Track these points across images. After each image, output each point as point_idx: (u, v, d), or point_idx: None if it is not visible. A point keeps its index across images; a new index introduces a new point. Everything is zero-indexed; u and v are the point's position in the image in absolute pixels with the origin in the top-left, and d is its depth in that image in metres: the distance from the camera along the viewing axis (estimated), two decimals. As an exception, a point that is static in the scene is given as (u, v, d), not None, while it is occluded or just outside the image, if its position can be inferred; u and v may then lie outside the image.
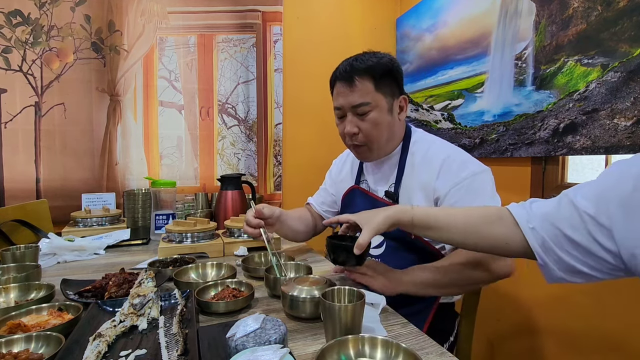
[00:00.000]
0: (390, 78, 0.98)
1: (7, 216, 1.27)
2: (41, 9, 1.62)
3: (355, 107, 0.97)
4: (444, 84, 1.85)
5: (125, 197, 1.66)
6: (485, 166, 0.97)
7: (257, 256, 1.07)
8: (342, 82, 0.98)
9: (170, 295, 0.76)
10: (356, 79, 0.96)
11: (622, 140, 1.11)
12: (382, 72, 0.96)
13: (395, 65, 1.00)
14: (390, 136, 1.02)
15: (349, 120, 0.99)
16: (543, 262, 0.64)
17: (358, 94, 0.96)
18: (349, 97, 0.97)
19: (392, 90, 0.99)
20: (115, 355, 0.56)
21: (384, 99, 0.97)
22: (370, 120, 0.97)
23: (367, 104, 0.96)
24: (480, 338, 1.68)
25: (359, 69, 0.95)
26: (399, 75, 1.01)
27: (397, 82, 1.00)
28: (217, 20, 1.90)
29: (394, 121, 1.01)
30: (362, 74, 0.95)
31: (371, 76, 0.95)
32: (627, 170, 0.54)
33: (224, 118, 1.95)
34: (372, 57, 0.98)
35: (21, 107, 1.62)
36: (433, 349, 0.62)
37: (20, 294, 0.79)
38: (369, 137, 0.99)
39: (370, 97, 0.96)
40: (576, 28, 1.23)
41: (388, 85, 0.98)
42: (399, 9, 2.25)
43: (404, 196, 1.01)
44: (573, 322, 1.32)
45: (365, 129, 0.98)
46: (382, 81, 0.96)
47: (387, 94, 0.98)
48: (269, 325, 0.57)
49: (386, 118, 0.98)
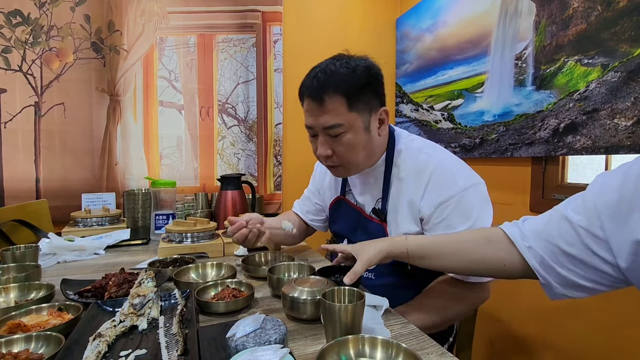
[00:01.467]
0: (367, 92, 0.86)
1: (7, 216, 1.27)
2: (41, 9, 1.62)
3: (327, 128, 0.85)
4: (444, 84, 1.85)
5: (125, 197, 1.66)
6: (476, 178, 0.90)
7: (257, 256, 1.07)
8: (311, 99, 0.86)
9: (170, 295, 0.76)
10: (326, 98, 0.83)
11: (622, 140, 1.11)
12: (356, 87, 0.83)
13: (373, 74, 0.87)
14: (369, 154, 0.92)
15: (321, 141, 0.88)
16: (545, 280, 0.64)
17: (329, 115, 0.84)
18: (319, 118, 0.85)
19: (370, 106, 0.87)
20: (115, 355, 0.56)
21: (360, 118, 0.85)
22: (345, 143, 0.86)
23: (340, 125, 0.84)
24: (480, 338, 1.68)
25: (329, 86, 0.82)
26: (378, 86, 0.89)
27: (375, 94, 0.88)
28: (217, 20, 1.90)
29: (372, 139, 0.89)
30: (332, 92, 0.82)
31: (343, 94, 0.83)
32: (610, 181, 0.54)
33: (224, 118, 1.95)
34: (344, 67, 0.84)
35: (21, 107, 1.62)
36: (433, 349, 0.62)
37: (20, 294, 0.78)
38: (344, 159, 0.89)
39: (343, 118, 0.84)
40: (576, 28, 1.23)
41: (364, 101, 0.85)
42: (399, 9, 2.25)
43: (392, 214, 0.94)
44: (573, 322, 1.32)
45: (339, 152, 0.88)
46: (357, 98, 0.84)
47: (363, 112, 0.86)
48: (269, 325, 0.57)
49: (362, 138, 0.87)
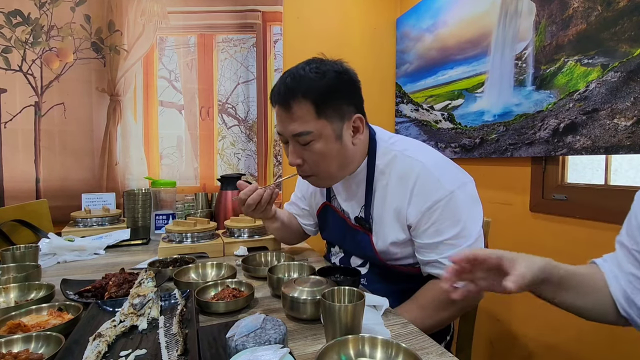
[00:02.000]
0: (337, 99, 0.81)
1: (7, 216, 1.27)
2: (41, 9, 1.62)
3: (296, 136, 0.83)
4: (444, 84, 1.85)
5: (125, 197, 1.66)
6: (463, 177, 0.87)
7: (257, 256, 1.07)
8: (279, 105, 0.83)
9: (170, 295, 0.76)
10: (293, 104, 0.80)
11: (622, 140, 1.11)
12: (325, 93, 0.79)
13: (345, 80, 0.83)
14: (343, 164, 0.88)
15: (291, 150, 0.87)
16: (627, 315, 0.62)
17: (297, 123, 0.81)
18: (287, 125, 0.83)
19: (341, 113, 0.83)
20: (115, 355, 0.56)
21: (330, 126, 0.82)
22: (315, 151, 0.83)
23: (308, 133, 0.81)
24: (480, 338, 1.68)
25: (297, 92, 0.79)
26: (350, 91, 0.84)
27: (347, 100, 0.84)
28: (217, 20, 1.90)
29: (345, 148, 0.85)
30: (299, 98, 0.79)
31: (311, 100, 0.79)
32: None
33: (224, 118, 1.95)
34: (314, 71, 0.80)
35: (21, 107, 1.62)
36: (433, 348, 0.62)
37: (20, 294, 0.79)
38: (315, 168, 0.87)
39: (312, 125, 0.80)
40: (576, 28, 1.23)
41: (334, 107, 0.81)
42: (399, 9, 2.25)
43: (378, 223, 0.92)
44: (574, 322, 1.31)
45: (309, 160, 0.85)
46: (325, 104, 0.80)
47: (333, 119, 0.82)
48: (269, 325, 0.57)
49: (334, 147, 0.83)
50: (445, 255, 0.83)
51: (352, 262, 1.03)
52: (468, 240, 0.83)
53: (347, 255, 1.04)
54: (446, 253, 0.83)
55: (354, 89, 0.86)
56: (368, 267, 1.00)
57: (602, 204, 1.23)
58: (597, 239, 1.23)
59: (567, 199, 1.35)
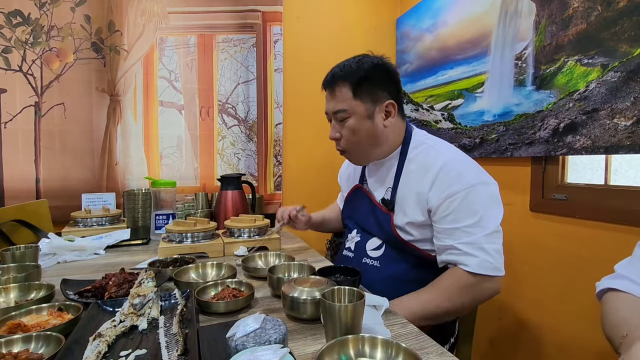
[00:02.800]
0: (371, 84, 0.97)
1: (7, 216, 1.27)
2: (41, 9, 1.62)
3: (335, 113, 1.00)
4: (444, 84, 1.85)
5: (125, 197, 1.66)
6: (487, 177, 0.94)
7: (257, 256, 1.07)
8: (327, 89, 1.03)
9: (170, 295, 0.76)
10: (336, 87, 0.99)
11: (622, 140, 1.11)
12: (361, 78, 0.96)
13: (381, 69, 0.98)
14: (373, 142, 1.01)
15: (332, 125, 1.03)
16: None
17: (336, 101, 0.99)
18: (330, 103, 1.01)
19: (374, 96, 0.98)
20: (115, 355, 0.56)
21: (363, 106, 0.97)
22: (348, 127, 0.99)
23: (344, 110, 0.98)
24: (480, 338, 1.68)
25: (339, 76, 0.98)
26: (385, 80, 0.99)
27: (381, 86, 0.98)
28: (217, 20, 1.90)
29: (376, 127, 0.99)
30: (341, 81, 0.98)
31: (349, 83, 0.97)
32: None
33: (224, 118, 1.95)
34: (354, 62, 0.98)
35: (21, 107, 1.62)
36: (433, 348, 0.62)
37: (20, 294, 0.78)
38: (349, 143, 1.01)
39: (347, 104, 0.97)
40: (576, 28, 1.23)
41: (368, 91, 0.97)
42: (399, 9, 2.25)
43: (399, 205, 1.00)
44: (574, 322, 1.32)
45: (344, 135, 1.01)
46: (360, 87, 0.96)
47: (366, 100, 0.97)
48: (269, 325, 0.57)
49: (365, 124, 0.98)
50: (461, 241, 0.88)
51: (368, 245, 1.06)
52: (485, 230, 0.89)
53: (365, 239, 1.08)
54: (462, 239, 0.88)
55: (388, 79, 1.00)
56: (384, 249, 1.03)
57: (602, 204, 1.23)
58: (597, 239, 1.23)
59: (567, 198, 1.35)
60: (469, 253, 0.88)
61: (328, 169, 2.12)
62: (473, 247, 0.88)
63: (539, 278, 1.43)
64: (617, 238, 1.17)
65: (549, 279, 1.39)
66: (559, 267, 1.36)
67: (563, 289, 1.34)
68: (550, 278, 1.39)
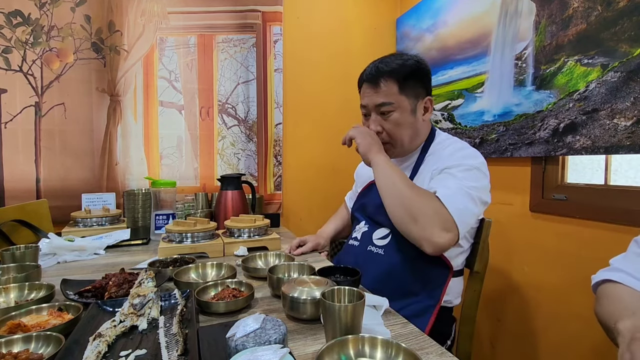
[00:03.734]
0: (415, 80, 1.02)
1: (7, 216, 1.27)
2: (41, 9, 1.62)
3: (379, 106, 1.02)
4: (444, 84, 1.85)
5: (125, 197, 1.66)
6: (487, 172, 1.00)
7: (257, 256, 1.07)
8: (368, 83, 1.04)
9: (170, 295, 0.76)
10: (381, 81, 1.01)
11: (622, 140, 1.11)
12: (406, 74, 1.00)
13: (422, 67, 1.03)
14: (413, 136, 1.06)
15: (372, 119, 1.05)
16: None
17: (382, 95, 1.01)
18: (373, 97, 1.03)
19: (417, 92, 1.03)
20: (115, 355, 0.56)
21: (407, 100, 1.02)
22: (393, 121, 1.03)
23: (390, 104, 1.01)
24: (480, 338, 1.68)
25: (384, 71, 1.00)
26: (424, 77, 1.04)
27: (422, 83, 1.04)
28: (217, 21, 1.90)
29: (417, 122, 1.05)
30: (386, 76, 1.00)
31: (395, 78, 1.00)
32: None
33: (224, 118, 1.95)
34: (397, 59, 1.02)
35: (21, 107, 1.62)
36: (433, 349, 0.62)
37: (20, 294, 0.79)
38: (392, 136, 1.05)
39: (394, 98, 1.01)
40: (576, 28, 1.23)
41: (412, 87, 1.02)
42: (399, 9, 2.25)
43: None
44: (574, 322, 1.32)
45: (388, 129, 1.04)
46: (406, 83, 1.01)
47: (410, 96, 1.02)
48: (269, 325, 0.57)
49: (409, 118, 1.03)
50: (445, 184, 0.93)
51: (375, 234, 1.08)
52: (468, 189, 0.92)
53: (372, 229, 1.10)
54: (447, 183, 0.93)
55: (427, 77, 1.06)
56: (390, 238, 1.04)
57: (602, 204, 1.23)
58: (597, 239, 1.23)
59: (567, 199, 1.35)
60: (447, 186, 0.93)
61: (328, 169, 2.12)
62: (452, 187, 0.92)
63: (539, 278, 1.43)
64: (617, 238, 1.17)
65: (548, 279, 1.39)
66: (559, 267, 1.36)
67: (563, 289, 1.34)
68: (550, 278, 1.39)
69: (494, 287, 1.59)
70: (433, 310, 0.97)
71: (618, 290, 0.68)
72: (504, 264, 1.56)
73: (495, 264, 1.55)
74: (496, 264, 1.55)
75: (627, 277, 0.68)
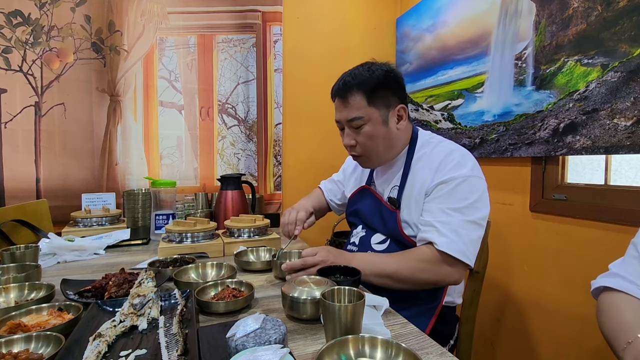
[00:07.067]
0: (384, 90, 0.99)
1: (7, 216, 1.27)
2: (41, 9, 1.62)
3: (350, 121, 1.00)
4: (444, 84, 1.85)
5: (125, 197, 1.66)
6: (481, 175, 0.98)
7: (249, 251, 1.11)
8: (338, 97, 1.02)
9: (170, 295, 0.76)
10: (349, 95, 0.99)
11: (622, 140, 1.11)
12: (374, 85, 0.97)
13: (391, 76, 1.00)
14: (388, 146, 1.04)
15: (346, 133, 1.03)
16: None
17: (351, 109, 0.99)
18: (343, 112, 1.01)
19: (387, 102, 1.00)
20: (115, 355, 0.56)
21: (377, 112, 0.99)
22: (365, 134, 1.00)
23: (360, 118, 0.98)
24: (480, 338, 1.68)
25: (352, 85, 0.98)
26: (395, 86, 1.01)
27: (393, 92, 1.01)
28: (217, 21, 1.90)
29: (391, 132, 1.02)
30: (354, 90, 0.98)
31: (363, 91, 0.98)
32: None
33: (224, 118, 1.95)
34: (365, 70, 0.99)
35: (21, 107, 1.62)
36: (433, 349, 0.62)
37: (20, 294, 0.79)
38: (365, 149, 1.03)
39: (363, 111, 0.98)
40: (576, 28, 1.23)
41: (382, 97, 0.99)
42: (399, 9, 2.25)
43: (405, 202, 1.03)
44: (574, 322, 1.32)
45: (361, 142, 1.02)
46: (374, 95, 0.98)
47: (380, 107, 0.99)
48: (269, 325, 0.57)
49: (381, 130, 1.00)
50: (439, 219, 0.92)
51: (372, 239, 1.08)
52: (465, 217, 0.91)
53: (369, 234, 1.10)
54: (440, 218, 0.92)
55: (398, 85, 1.03)
56: (388, 243, 1.05)
57: (602, 204, 1.23)
58: (597, 239, 1.23)
59: (567, 199, 1.35)
60: (442, 232, 0.90)
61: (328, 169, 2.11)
62: (448, 227, 0.91)
63: (539, 278, 1.43)
64: (617, 238, 1.17)
65: (548, 279, 1.39)
66: (559, 267, 1.35)
67: (563, 289, 1.34)
68: (549, 278, 1.39)
69: (494, 287, 1.59)
70: (434, 312, 0.97)
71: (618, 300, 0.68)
72: (503, 264, 1.56)
73: (495, 264, 1.55)
74: (496, 264, 1.55)
75: (626, 283, 0.68)
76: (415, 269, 0.91)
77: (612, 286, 0.69)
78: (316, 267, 0.87)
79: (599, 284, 0.73)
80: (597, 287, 0.73)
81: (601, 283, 0.72)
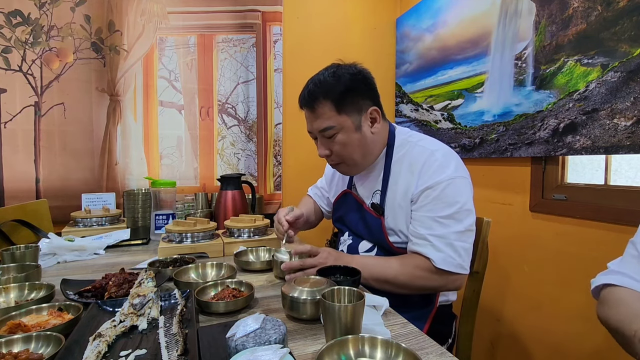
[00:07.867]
0: (353, 95, 0.94)
1: (7, 216, 1.27)
2: (41, 9, 1.62)
3: (322, 131, 0.96)
4: (444, 84, 1.85)
5: (125, 197, 1.66)
6: (466, 174, 0.95)
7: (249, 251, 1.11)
8: (306, 108, 0.98)
9: (170, 295, 0.76)
10: (317, 105, 0.94)
11: (622, 140, 1.11)
12: (342, 93, 0.93)
13: (359, 79, 0.95)
14: (365, 152, 1.00)
15: (320, 143, 1.00)
16: None
17: (321, 120, 0.95)
18: (314, 123, 0.97)
19: (358, 107, 0.96)
20: (115, 355, 0.56)
21: (349, 119, 0.95)
22: (339, 142, 0.96)
23: (331, 127, 0.94)
24: (480, 338, 1.68)
25: (318, 94, 0.94)
26: (364, 89, 0.97)
27: (362, 96, 0.96)
28: (217, 20, 1.90)
29: (365, 137, 0.98)
30: (321, 99, 0.93)
31: (331, 100, 0.93)
32: None
33: (224, 118, 1.95)
34: (331, 76, 0.94)
35: (21, 107, 1.62)
36: (433, 349, 0.62)
37: (20, 294, 0.79)
38: (341, 157, 0.99)
39: (333, 120, 0.94)
40: (576, 28, 1.23)
41: (351, 103, 0.94)
42: (399, 9, 2.25)
43: (389, 208, 1.00)
44: (573, 322, 1.32)
45: (335, 151, 0.98)
46: (343, 101, 0.93)
47: (351, 113, 0.95)
48: (269, 325, 0.57)
49: (354, 136, 0.96)
50: (433, 233, 0.89)
51: (360, 247, 1.07)
52: (459, 226, 0.89)
53: (356, 241, 1.08)
54: (435, 231, 0.90)
55: (368, 86, 0.98)
56: (376, 251, 1.03)
57: (602, 204, 1.23)
58: (597, 239, 1.23)
59: (567, 199, 1.35)
60: (437, 247, 0.89)
61: (328, 169, 2.12)
62: (443, 241, 0.89)
63: (539, 278, 1.43)
64: (617, 238, 1.17)
65: (548, 279, 1.39)
66: (559, 267, 1.36)
67: (563, 289, 1.34)
68: (549, 278, 1.39)
69: (494, 286, 1.59)
70: (429, 315, 0.97)
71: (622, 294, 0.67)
72: (503, 264, 1.56)
73: (495, 264, 1.55)
74: (496, 264, 1.55)
75: (627, 279, 0.68)
76: (414, 276, 0.90)
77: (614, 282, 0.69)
78: (316, 268, 0.86)
79: (599, 282, 0.73)
80: (597, 285, 0.73)
81: (601, 281, 0.72)
